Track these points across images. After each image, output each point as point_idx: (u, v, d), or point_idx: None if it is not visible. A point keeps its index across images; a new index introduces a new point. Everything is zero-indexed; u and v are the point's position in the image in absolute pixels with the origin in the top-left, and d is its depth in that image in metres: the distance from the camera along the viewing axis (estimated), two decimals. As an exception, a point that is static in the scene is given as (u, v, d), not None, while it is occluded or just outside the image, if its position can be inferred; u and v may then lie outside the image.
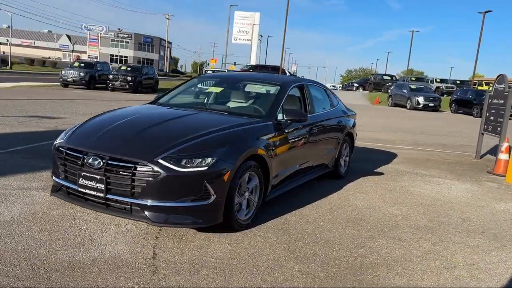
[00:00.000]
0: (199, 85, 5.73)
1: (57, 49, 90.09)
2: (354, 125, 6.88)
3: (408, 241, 4.10)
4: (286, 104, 4.90)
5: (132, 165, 3.38)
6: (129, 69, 25.56)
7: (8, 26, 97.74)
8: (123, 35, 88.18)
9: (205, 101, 5.51)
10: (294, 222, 4.31)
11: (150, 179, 3.33)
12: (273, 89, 5.09)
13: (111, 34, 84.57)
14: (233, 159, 3.62)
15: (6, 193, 4.44)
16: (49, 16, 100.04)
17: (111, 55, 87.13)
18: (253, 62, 54.89)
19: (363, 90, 48.45)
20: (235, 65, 50.62)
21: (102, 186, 3.43)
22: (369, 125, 15.78)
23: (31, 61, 66.07)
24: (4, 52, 59.55)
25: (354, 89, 52.20)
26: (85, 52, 75.65)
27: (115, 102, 17.14)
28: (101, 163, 3.44)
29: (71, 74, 23.62)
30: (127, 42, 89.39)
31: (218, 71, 27.82)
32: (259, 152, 4.01)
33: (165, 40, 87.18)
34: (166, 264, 3.15)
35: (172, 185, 3.36)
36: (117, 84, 23.94)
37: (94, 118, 4.49)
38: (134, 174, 3.36)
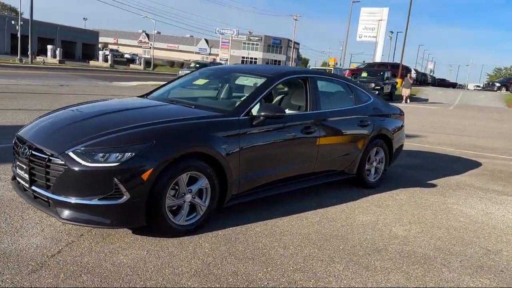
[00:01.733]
0: (197, 79, 5.43)
1: (196, 52, 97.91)
2: (395, 126, 5.88)
3: (376, 271, 3.27)
4: (278, 98, 4.35)
5: (46, 157, 3.28)
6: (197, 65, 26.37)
7: (158, 32, 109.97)
8: (253, 37, 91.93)
9: (190, 94, 5.20)
10: (253, 233, 3.78)
11: (60, 172, 3.20)
12: (259, 82, 4.56)
13: (243, 37, 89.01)
14: (158, 156, 3.28)
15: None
16: (191, 23, 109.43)
17: (242, 57, 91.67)
18: (378, 59, 52.32)
19: (506, 90, 42.43)
20: (364, 63, 48.71)
21: (27, 177, 3.41)
22: (478, 131, 13.66)
23: (171, 63, 73.04)
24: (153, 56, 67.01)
25: (495, 89, 46.01)
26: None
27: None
28: (28, 153, 3.42)
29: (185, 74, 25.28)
30: (257, 44, 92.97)
31: (319, 69, 27.01)
32: (207, 151, 3.59)
33: (293, 41, 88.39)
34: (58, 264, 2.98)
35: (78, 180, 3.16)
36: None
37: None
38: (48, 166, 3.26)
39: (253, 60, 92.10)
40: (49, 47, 50.79)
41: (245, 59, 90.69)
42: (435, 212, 4.87)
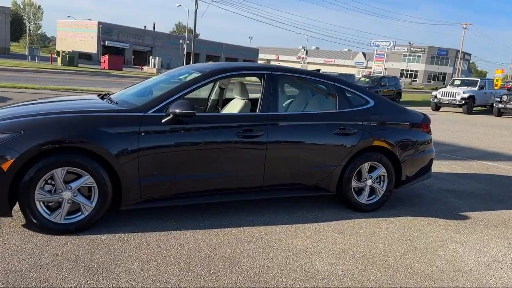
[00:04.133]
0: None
1: (352, 66, 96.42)
2: (408, 138, 4.71)
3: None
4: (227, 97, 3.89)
5: None
6: (367, 80, 25.02)
7: (316, 48, 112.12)
8: (415, 49, 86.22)
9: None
10: (134, 244, 3.44)
11: None
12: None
13: (403, 49, 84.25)
14: (22, 147, 3.20)
15: None
16: (347, 37, 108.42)
17: (401, 69, 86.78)
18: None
19: None
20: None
21: None
22: None
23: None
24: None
25: None
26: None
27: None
28: None
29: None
30: (419, 56, 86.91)
31: (463, 80, 23.57)
32: (90, 147, 3.40)
33: (462, 52, 79.89)
34: None
35: None
36: (352, 95, 23.81)
37: None
38: None
39: (413, 72, 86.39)
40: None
41: (403, 72, 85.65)
42: (414, 248, 3.72)
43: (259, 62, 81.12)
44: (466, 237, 4.09)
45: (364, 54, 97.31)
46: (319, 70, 5.17)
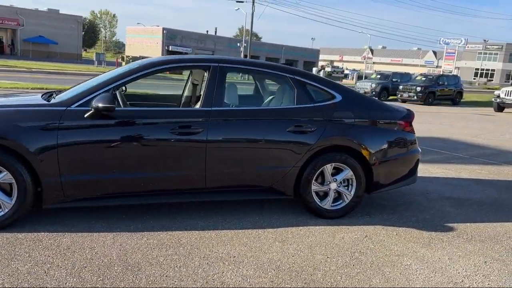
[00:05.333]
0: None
1: (421, 65, 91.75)
2: (382, 138, 4.16)
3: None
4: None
5: None
6: (424, 79, 23.46)
7: (383, 47, 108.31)
8: (491, 46, 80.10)
9: None
10: (43, 244, 3.28)
11: None
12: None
13: (478, 47, 78.73)
14: None
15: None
16: (415, 36, 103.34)
17: (475, 69, 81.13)
18: None
19: None
20: None
21: None
22: None
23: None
24: (360, 70, 66.38)
25: None
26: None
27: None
28: None
29: (363, 86, 24.02)
30: (496, 54, 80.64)
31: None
32: (6, 142, 3.28)
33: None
34: None
35: None
36: (405, 95, 22.47)
37: None
38: None
39: (489, 71, 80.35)
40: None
41: (478, 71, 79.90)
42: (358, 263, 3.21)
43: (320, 63, 79.90)
44: (433, 253, 3.48)
45: (434, 52, 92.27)
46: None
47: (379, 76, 25.31)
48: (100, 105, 3.40)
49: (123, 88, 5.05)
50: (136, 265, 3.00)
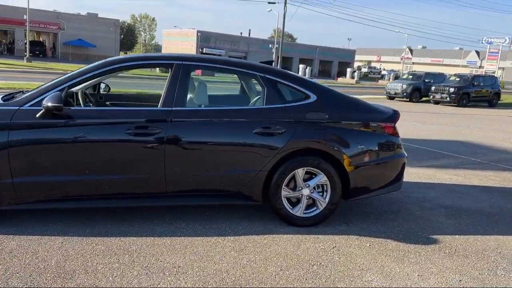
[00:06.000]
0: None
1: (463, 66, 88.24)
2: (362, 141, 3.83)
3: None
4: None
5: None
6: (458, 79, 22.39)
7: (423, 47, 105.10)
8: (540, 44, 75.85)
9: None
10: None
11: None
12: None
13: (525, 45, 74.76)
14: None
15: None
16: (458, 36, 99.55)
17: (521, 68, 77.16)
18: None
19: None
20: None
21: None
22: None
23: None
24: (398, 70, 64.39)
25: None
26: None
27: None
28: None
29: (393, 87, 23.22)
30: (545, 52, 76.35)
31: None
32: None
33: None
34: None
35: None
36: (437, 96, 21.51)
37: None
38: None
39: (537, 72, 76.14)
40: (301, 66, 55.66)
41: (524, 71, 75.92)
42: (311, 276, 2.93)
43: (357, 63, 78.34)
44: (403, 268, 3.13)
45: (477, 52, 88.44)
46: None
47: (411, 77, 24.40)
48: (50, 104, 3.28)
49: (107, 87, 4.99)
50: (70, 273, 2.84)
